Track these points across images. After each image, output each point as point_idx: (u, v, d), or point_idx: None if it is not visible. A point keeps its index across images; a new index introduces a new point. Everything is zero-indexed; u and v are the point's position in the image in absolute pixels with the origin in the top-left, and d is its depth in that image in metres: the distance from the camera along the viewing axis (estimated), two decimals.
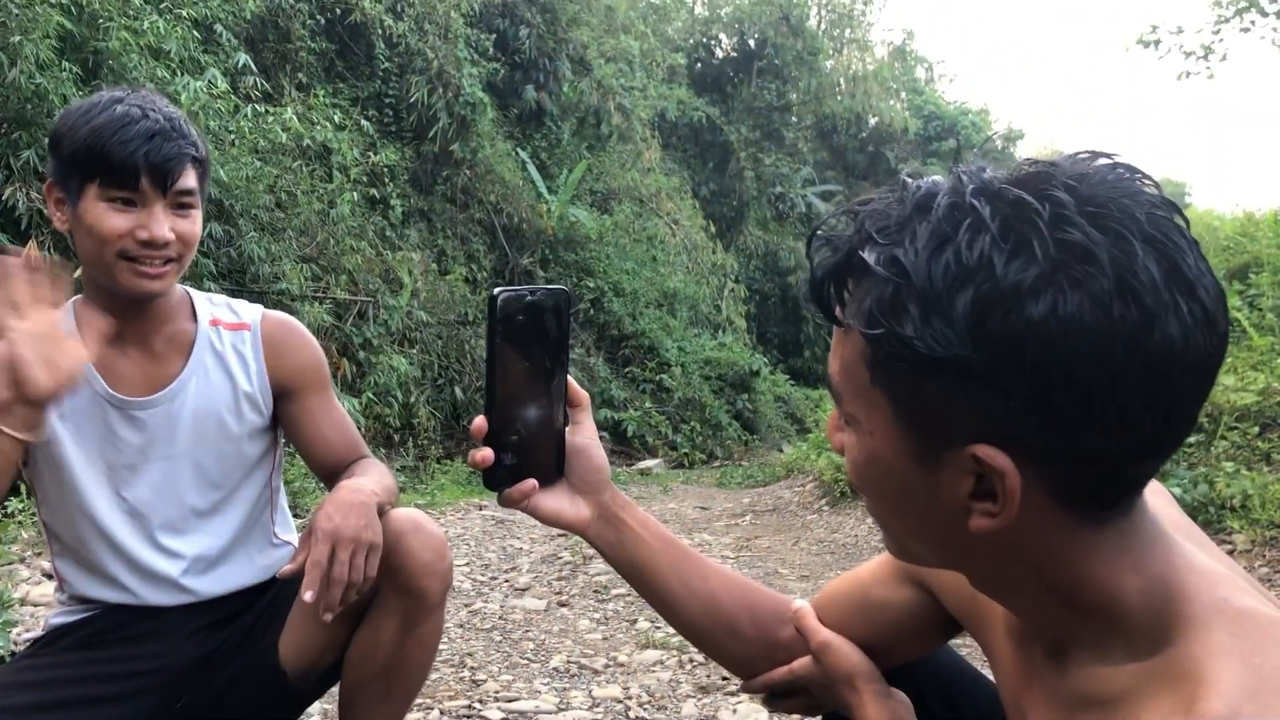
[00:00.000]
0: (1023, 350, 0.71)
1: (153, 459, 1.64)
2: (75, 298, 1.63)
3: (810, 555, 5.25)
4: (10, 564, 3.95)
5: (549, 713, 2.64)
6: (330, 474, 1.76)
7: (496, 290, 1.02)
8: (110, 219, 1.53)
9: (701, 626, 1.18)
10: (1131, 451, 0.75)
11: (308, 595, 1.46)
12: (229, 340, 1.71)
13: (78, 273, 1.62)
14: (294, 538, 1.87)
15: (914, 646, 1.16)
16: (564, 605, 3.92)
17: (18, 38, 6.53)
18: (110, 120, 1.53)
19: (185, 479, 1.69)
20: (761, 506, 7.21)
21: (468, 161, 12.27)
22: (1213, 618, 0.76)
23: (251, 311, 1.76)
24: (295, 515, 2.34)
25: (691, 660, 3.13)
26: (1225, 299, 0.75)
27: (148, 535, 1.66)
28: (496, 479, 1.06)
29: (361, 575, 1.49)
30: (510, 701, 2.71)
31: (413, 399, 9.86)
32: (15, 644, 2.75)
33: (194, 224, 1.59)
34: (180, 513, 1.70)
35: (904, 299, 0.75)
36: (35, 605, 3.38)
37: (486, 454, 1.03)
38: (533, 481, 1.08)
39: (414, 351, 10.58)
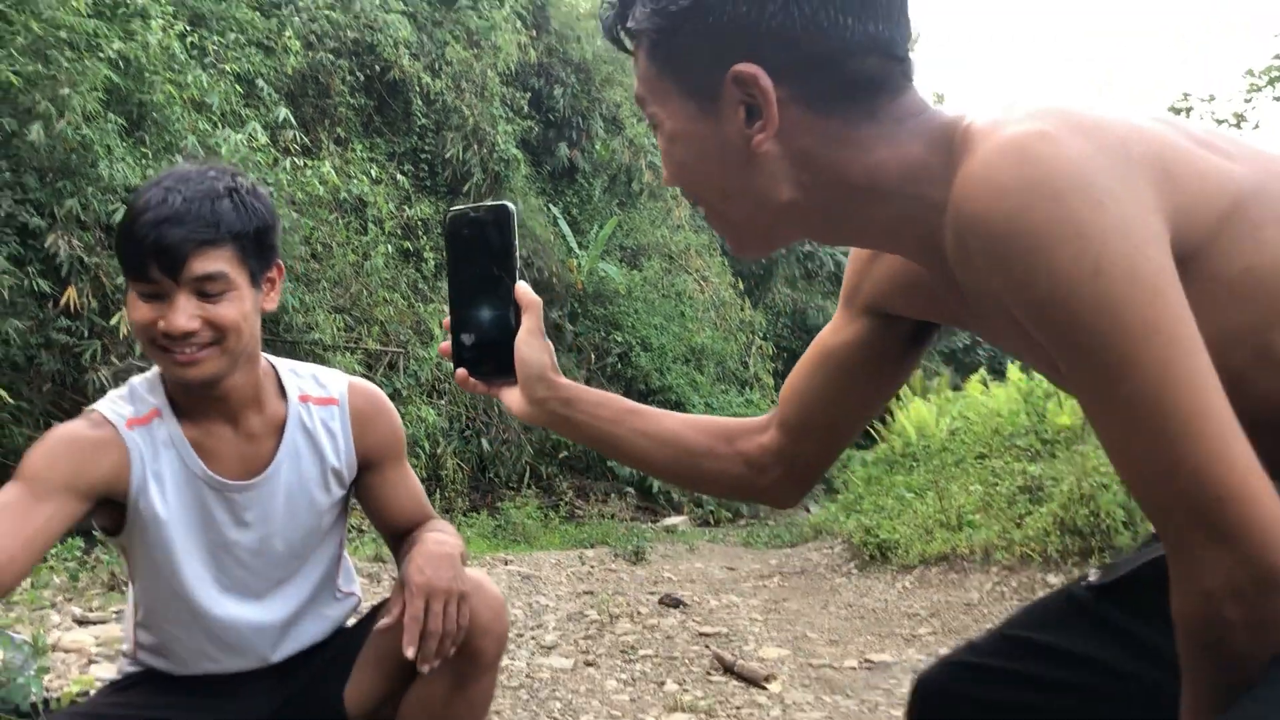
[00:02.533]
0: None
1: (246, 538, 1.65)
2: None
3: (840, 620, 5.18)
4: (42, 609, 3.96)
5: None
6: (400, 537, 1.78)
7: (450, 210, 1.23)
8: (137, 309, 1.53)
9: (680, 464, 1.29)
10: (846, 49, 0.94)
11: (409, 651, 1.48)
12: (318, 416, 1.71)
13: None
14: (356, 588, 1.90)
15: (890, 372, 1.24)
16: (591, 665, 3.88)
17: (66, 90, 6.68)
18: (133, 207, 1.51)
19: (275, 554, 1.70)
20: (789, 568, 7.14)
21: None
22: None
23: (338, 384, 1.75)
24: None
25: None
26: None
27: (233, 609, 1.67)
28: (460, 362, 1.24)
29: (455, 625, 1.51)
30: None
31: (440, 450, 9.88)
32: (48, 690, 2.75)
33: (229, 307, 1.52)
34: (266, 584, 1.71)
35: None
36: (66, 651, 3.38)
37: (446, 346, 1.23)
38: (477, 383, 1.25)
39: (442, 403, 10.62)
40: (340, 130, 10.59)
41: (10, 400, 10.03)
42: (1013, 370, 8.38)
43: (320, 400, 1.74)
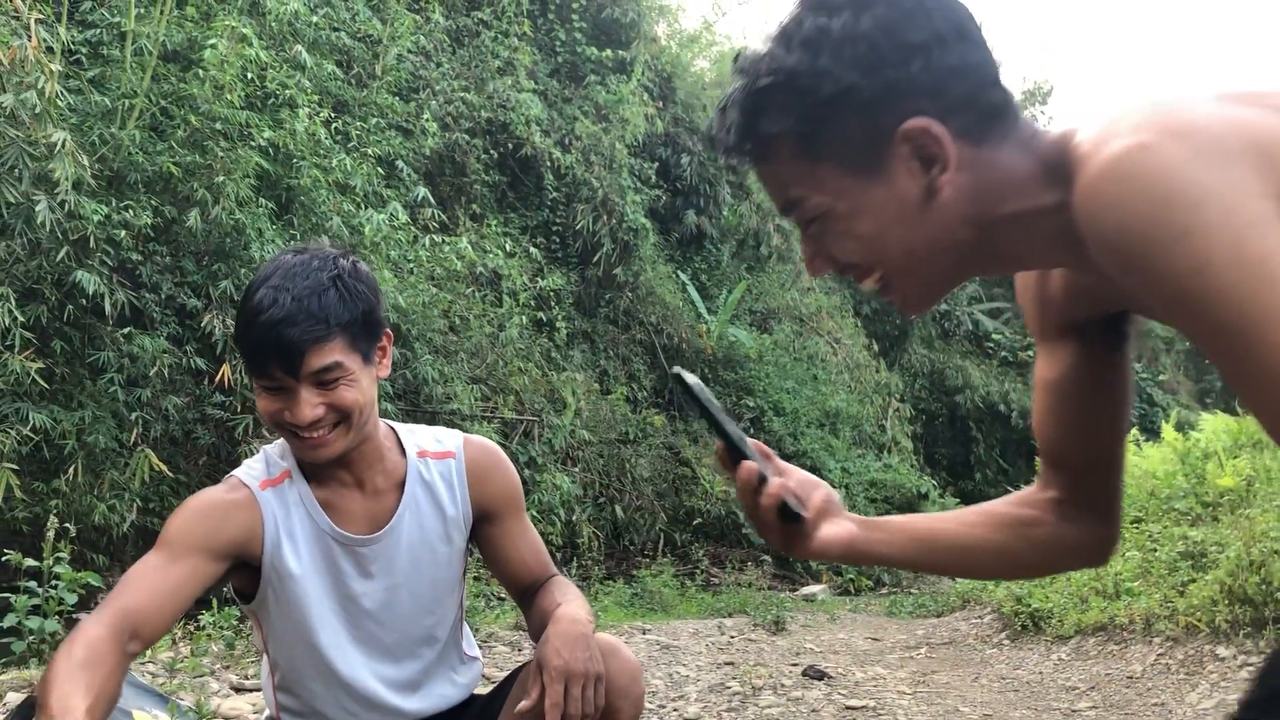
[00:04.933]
0: (877, 50, 1.01)
1: (374, 592, 1.69)
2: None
3: (993, 693, 4.96)
4: (202, 676, 4.09)
5: None
6: (523, 591, 1.79)
7: (677, 369, 1.24)
8: (263, 401, 1.63)
9: (1007, 551, 1.29)
10: (981, 83, 1.04)
11: None
12: (436, 469, 1.76)
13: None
14: (478, 653, 1.92)
15: (1113, 377, 1.24)
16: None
17: (221, 178, 7.05)
18: (245, 312, 1.60)
19: (403, 608, 1.74)
20: (937, 639, 6.90)
21: (630, 284, 12.54)
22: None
23: (454, 439, 1.81)
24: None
25: None
26: None
27: (366, 664, 1.70)
28: (790, 513, 1.18)
29: (594, 707, 1.51)
30: None
31: (575, 517, 9.94)
32: None
33: (346, 391, 1.59)
34: (396, 639, 1.75)
35: (790, 83, 1.04)
36: (226, 718, 3.47)
37: (781, 484, 1.17)
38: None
39: (576, 470, 10.70)
40: (475, 206, 10.92)
41: (170, 473, 10.51)
42: (1168, 430, 7.99)
43: (438, 454, 1.79)
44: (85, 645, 1.42)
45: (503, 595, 6.86)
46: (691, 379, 1.22)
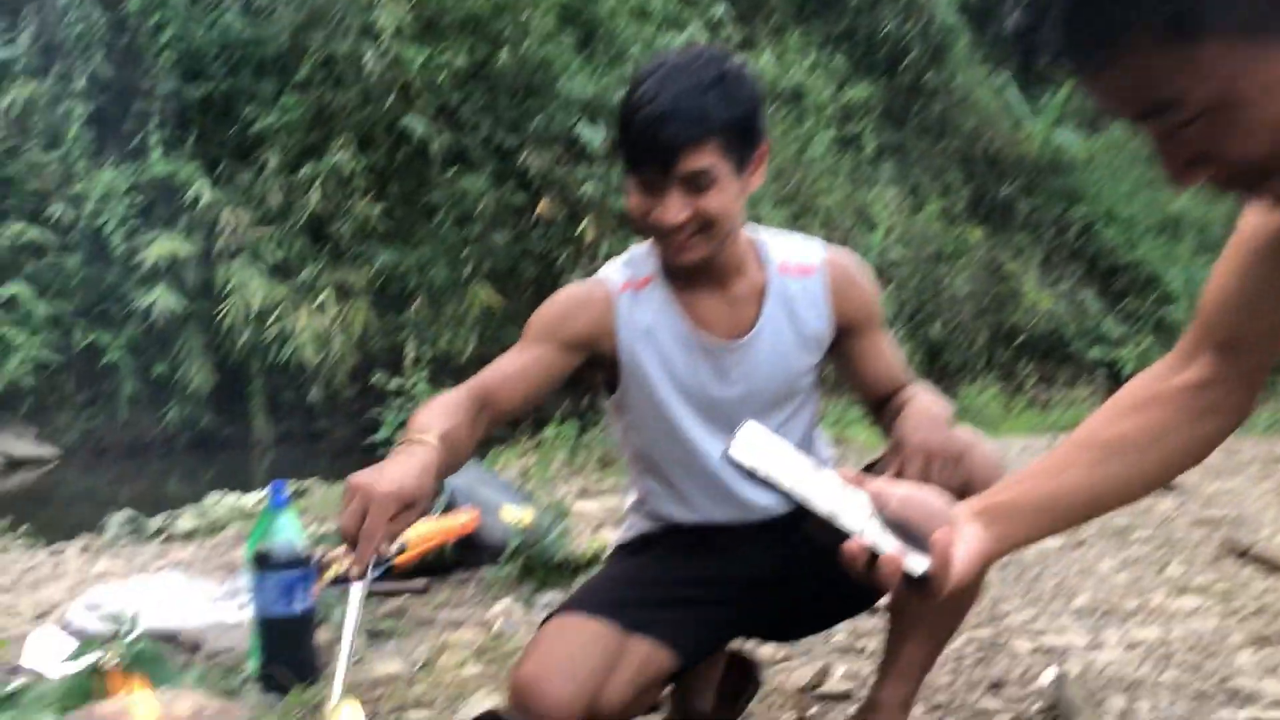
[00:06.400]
0: None
1: (731, 398, 1.71)
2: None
3: None
4: (551, 480, 4.41)
5: (1081, 650, 2.45)
6: (879, 402, 1.75)
7: (726, 451, 1.08)
8: (632, 198, 1.60)
9: (1136, 483, 1.14)
10: None
11: None
12: (798, 285, 1.72)
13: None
14: (828, 454, 1.90)
15: None
16: (1080, 545, 3.65)
17: (526, 14, 7.17)
18: (624, 107, 1.57)
19: (758, 415, 1.74)
20: None
21: (942, 90, 11.86)
22: None
23: (816, 252, 1.76)
24: None
25: (1241, 609, 2.77)
26: None
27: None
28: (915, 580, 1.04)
29: (953, 484, 1.46)
30: (1038, 635, 2.55)
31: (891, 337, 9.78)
32: (569, 554, 3.07)
33: (715, 198, 1.56)
34: None
35: None
36: (576, 518, 3.72)
37: (896, 555, 1.03)
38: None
39: (891, 288, 10.45)
40: (776, 19, 10.58)
41: (501, 305, 11.24)
42: None
43: (799, 269, 1.74)
44: (443, 400, 1.53)
45: None
46: (746, 456, 1.06)
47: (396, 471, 1.28)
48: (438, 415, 1.44)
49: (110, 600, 2.50)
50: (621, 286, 1.69)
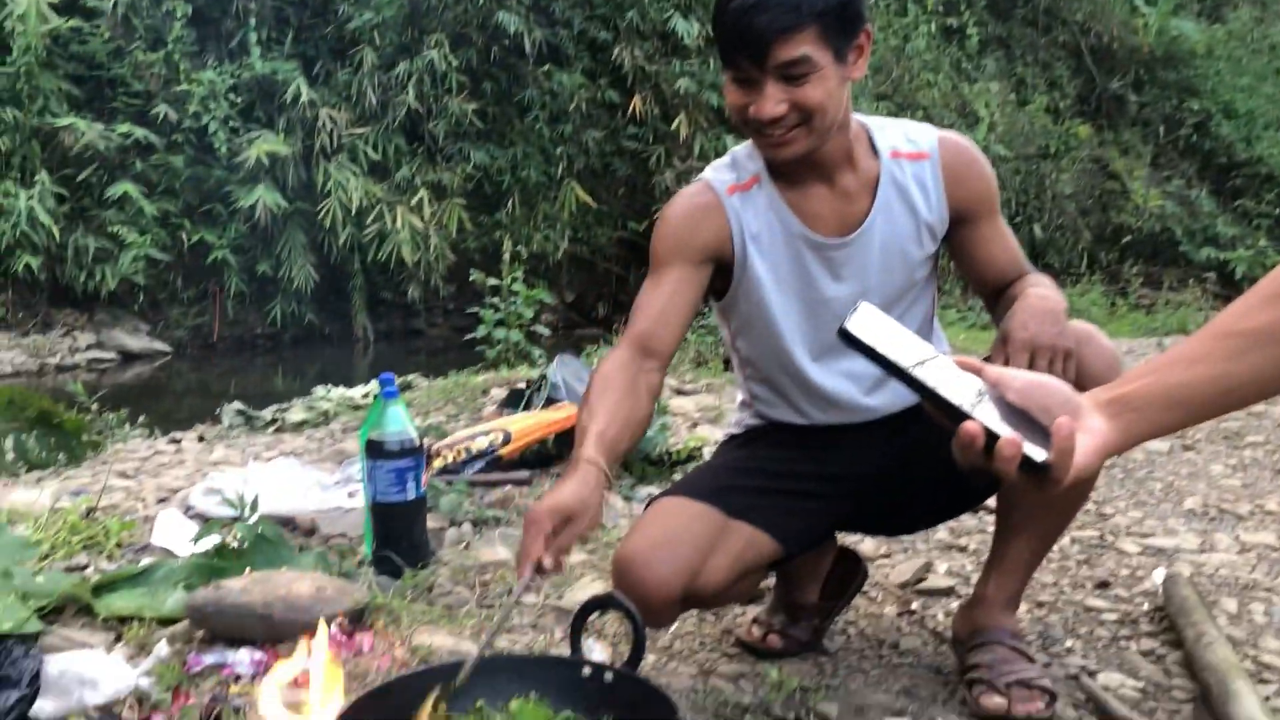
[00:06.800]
0: None
1: (844, 295, 1.67)
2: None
3: None
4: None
5: (1191, 552, 2.40)
6: (995, 292, 1.70)
7: (843, 325, 1.00)
8: (730, 93, 1.56)
9: (1277, 377, 1.04)
10: None
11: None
12: (910, 172, 1.67)
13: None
14: (946, 348, 1.86)
15: None
16: (1189, 449, 3.57)
17: None
18: None
19: None
20: None
21: None
22: None
23: (928, 137, 1.69)
24: None
25: None
26: None
27: (833, 363, 1.71)
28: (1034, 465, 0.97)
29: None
30: (1145, 537, 2.51)
31: None
32: (667, 449, 3.12)
33: (813, 89, 1.50)
34: None
35: None
36: (673, 415, 3.74)
37: (1016, 438, 0.96)
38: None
39: None
40: None
41: (593, 205, 11.22)
42: None
43: (911, 155, 1.68)
44: (608, 373, 1.54)
45: None
46: (861, 328, 0.99)
47: (561, 493, 1.34)
48: (601, 416, 1.47)
49: (229, 486, 2.60)
50: (729, 189, 1.66)
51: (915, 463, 1.72)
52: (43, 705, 1.54)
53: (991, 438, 0.96)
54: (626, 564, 1.55)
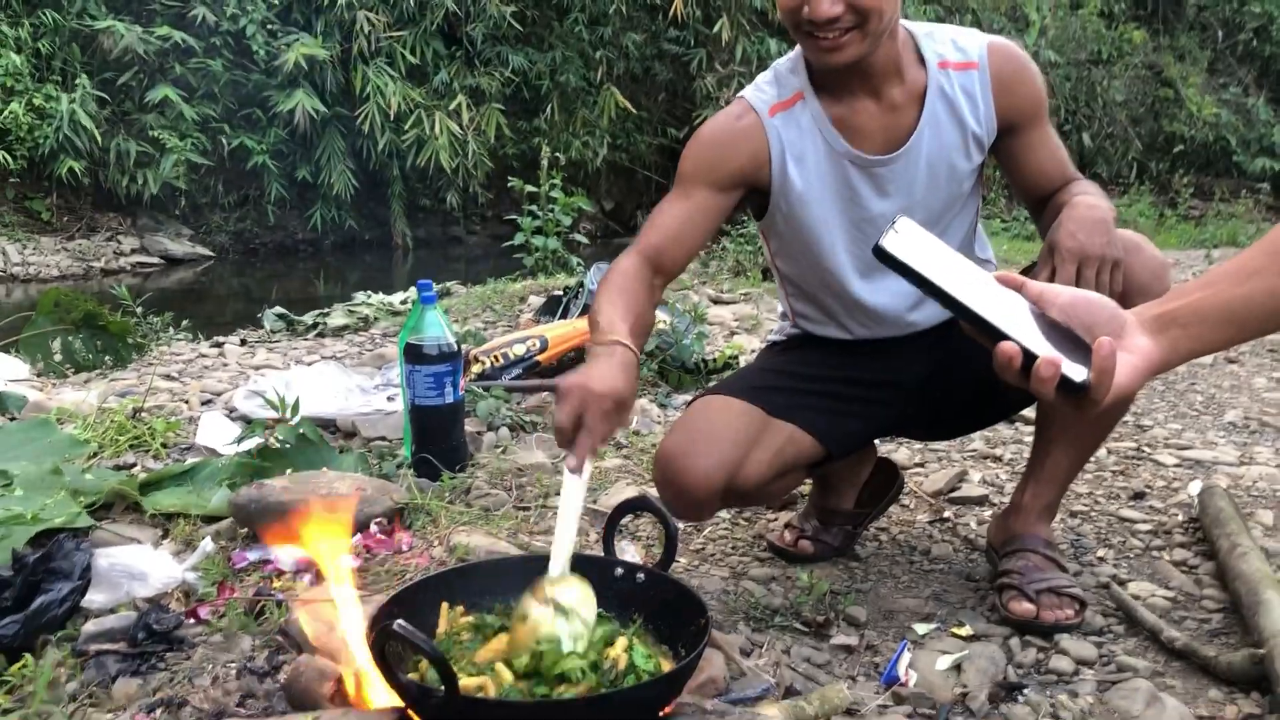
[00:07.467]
0: None
1: (891, 211, 1.64)
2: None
3: None
4: (686, 289, 4.42)
5: (1229, 464, 2.39)
6: (1041, 200, 1.67)
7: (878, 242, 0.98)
8: None
9: None
10: None
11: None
12: (958, 82, 1.62)
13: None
14: (991, 256, 1.84)
15: None
16: (1232, 362, 3.52)
17: None
18: None
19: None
20: None
21: None
22: None
23: (977, 45, 1.64)
24: None
25: None
26: None
27: (881, 283, 1.69)
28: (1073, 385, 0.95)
29: (1109, 293, 1.40)
30: (1183, 449, 2.50)
31: None
32: (704, 358, 3.12)
33: None
34: None
35: None
36: (710, 324, 3.74)
37: (1055, 358, 0.94)
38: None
39: None
40: None
41: (634, 110, 11.07)
42: None
43: (959, 65, 1.63)
44: (620, 275, 1.53)
45: None
46: (897, 245, 0.97)
47: (606, 374, 1.30)
48: (620, 308, 1.45)
49: (271, 388, 2.64)
50: (770, 109, 1.62)
51: (956, 370, 1.72)
52: (93, 597, 1.60)
53: (1030, 357, 0.95)
54: (669, 458, 1.57)
